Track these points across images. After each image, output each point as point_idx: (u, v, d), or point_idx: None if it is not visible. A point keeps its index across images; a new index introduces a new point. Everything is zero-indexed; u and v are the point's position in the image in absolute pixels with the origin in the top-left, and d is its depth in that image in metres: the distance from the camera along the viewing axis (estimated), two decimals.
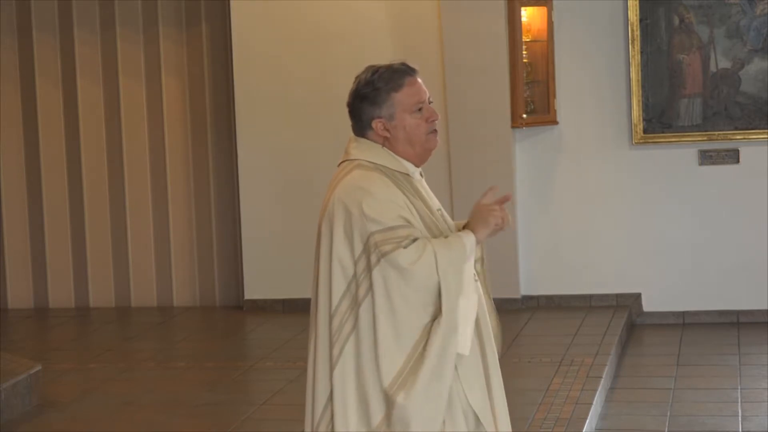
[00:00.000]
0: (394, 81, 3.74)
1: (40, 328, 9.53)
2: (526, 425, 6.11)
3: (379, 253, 3.59)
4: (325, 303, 3.72)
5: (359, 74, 3.81)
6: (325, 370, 3.70)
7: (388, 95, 3.73)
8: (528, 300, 9.04)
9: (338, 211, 3.68)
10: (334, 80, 9.03)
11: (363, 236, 3.63)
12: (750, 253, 8.75)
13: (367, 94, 3.74)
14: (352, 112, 3.80)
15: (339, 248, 3.67)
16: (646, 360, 7.99)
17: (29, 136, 10.07)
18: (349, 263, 3.65)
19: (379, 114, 3.74)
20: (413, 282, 3.60)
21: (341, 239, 3.66)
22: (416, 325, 3.61)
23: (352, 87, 3.80)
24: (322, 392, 3.71)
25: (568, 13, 8.89)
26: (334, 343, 3.66)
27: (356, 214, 3.64)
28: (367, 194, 3.65)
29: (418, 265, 3.59)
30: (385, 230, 3.61)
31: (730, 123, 8.71)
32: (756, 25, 8.65)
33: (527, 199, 9.00)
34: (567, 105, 8.94)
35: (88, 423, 6.60)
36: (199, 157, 9.83)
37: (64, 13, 9.94)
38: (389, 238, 3.60)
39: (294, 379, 7.28)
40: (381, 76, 3.74)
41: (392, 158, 3.76)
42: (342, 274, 3.67)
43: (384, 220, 3.62)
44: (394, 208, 3.65)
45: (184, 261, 9.90)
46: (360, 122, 3.79)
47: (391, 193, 3.69)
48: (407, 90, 3.75)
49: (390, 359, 3.59)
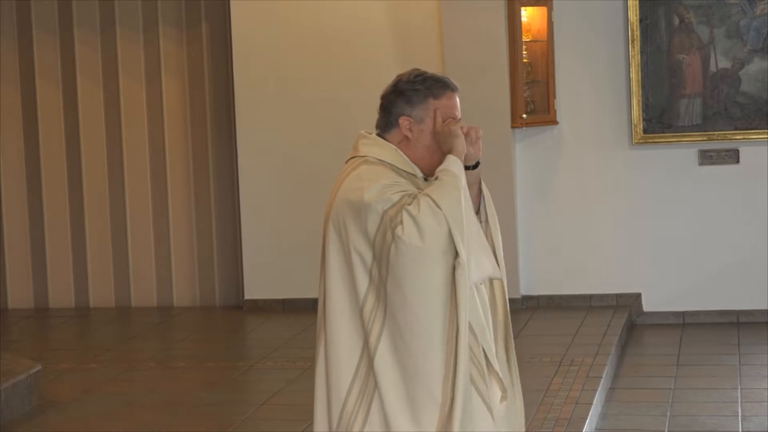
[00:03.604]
0: (435, 88, 3.79)
1: (40, 328, 9.53)
2: (526, 425, 6.10)
3: (393, 225, 3.61)
4: (341, 297, 3.71)
5: (402, 73, 3.84)
6: (350, 362, 3.69)
7: (426, 99, 3.77)
8: (528, 300, 9.05)
9: (346, 207, 3.70)
10: (334, 80, 9.03)
11: (374, 223, 3.64)
12: (750, 253, 8.75)
13: (405, 91, 3.77)
14: (385, 105, 3.81)
15: (356, 241, 3.67)
16: (646, 360, 7.98)
17: (29, 136, 10.07)
18: (367, 251, 3.66)
19: (410, 113, 3.77)
20: (426, 231, 3.60)
21: (356, 231, 3.67)
22: (443, 281, 3.63)
23: (392, 82, 3.82)
24: (345, 380, 3.70)
25: (568, 13, 8.89)
26: (369, 331, 3.66)
27: (362, 203, 3.65)
28: (372, 182, 3.68)
29: (421, 211, 3.61)
30: (393, 205, 3.64)
31: (730, 123, 8.71)
32: (756, 25, 8.65)
33: (527, 199, 9.00)
34: (567, 105, 8.94)
35: (88, 423, 6.60)
36: (199, 158, 9.83)
37: (64, 13, 9.94)
38: (399, 209, 3.63)
39: (294, 379, 7.28)
40: (425, 80, 3.80)
41: (400, 157, 3.78)
42: (362, 264, 3.67)
43: (389, 199, 3.65)
44: (396, 188, 3.68)
45: (184, 261, 9.89)
46: (388, 116, 3.80)
47: (395, 178, 3.72)
48: (445, 101, 3.81)
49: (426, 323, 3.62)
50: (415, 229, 3.60)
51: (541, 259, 9.02)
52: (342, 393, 3.71)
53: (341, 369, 3.72)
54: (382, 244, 3.64)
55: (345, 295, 3.72)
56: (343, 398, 3.71)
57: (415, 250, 3.61)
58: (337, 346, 3.73)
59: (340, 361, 3.72)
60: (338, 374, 3.72)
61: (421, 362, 3.63)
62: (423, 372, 3.62)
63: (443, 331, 3.64)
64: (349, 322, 3.71)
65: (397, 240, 3.60)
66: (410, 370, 3.64)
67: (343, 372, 3.71)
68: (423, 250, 3.61)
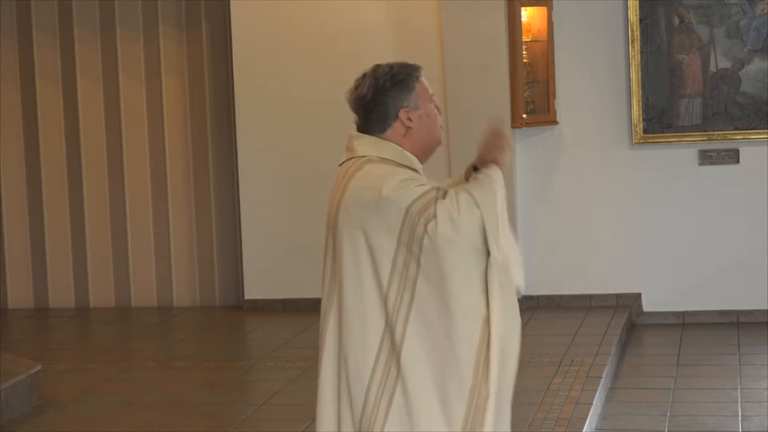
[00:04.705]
0: (413, 72, 3.80)
1: (40, 328, 9.54)
2: (526, 425, 6.11)
3: (426, 219, 3.60)
4: (359, 301, 3.68)
5: (368, 73, 3.80)
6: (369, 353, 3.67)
7: (414, 84, 3.78)
8: (528, 300, 9.04)
9: (360, 204, 3.67)
10: (334, 80, 9.01)
11: (399, 217, 3.62)
12: (750, 253, 8.75)
13: (394, 84, 3.76)
14: (374, 107, 3.77)
15: (375, 238, 3.65)
16: (646, 360, 7.98)
17: (29, 136, 10.07)
18: (390, 247, 3.64)
19: (407, 103, 3.77)
20: (461, 227, 3.61)
21: (375, 228, 3.64)
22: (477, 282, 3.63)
23: (369, 83, 3.76)
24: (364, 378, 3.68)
25: (568, 13, 8.89)
26: (395, 325, 3.64)
27: (382, 199, 3.63)
28: (387, 179, 3.67)
29: (461, 208, 3.61)
30: (418, 198, 3.63)
31: (730, 123, 8.71)
32: (756, 25, 8.65)
33: (527, 199, 9.00)
34: (567, 105, 8.94)
35: (88, 423, 6.60)
36: (199, 158, 9.83)
37: (64, 13, 9.94)
38: (427, 202, 3.61)
39: (294, 379, 7.27)
40: (400, 68, 3.79)
41: (400, 153, 3.77)
42: (387, 259, 3.65)
43: (412, 193, 3.64)
44: (415, 183, 3.68)
45: (184, 261, 9.90)
46: (384, 114, 3.77)
47: (410, 174, 3.72)
48: (424, 81, 3.82)
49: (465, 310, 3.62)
50: (450, 225, 3.59)
51: (541, 259, 9.01)
52: (364, 384, 3.69)
53: (360, 367, 3.68)
54: (410, 239, 3.62)
55: (363, 299, 3.70)
56: (364, 393, 3.70)
57: (449, 245, 3.60)
58: (355, 340, 3.70)
59: (358, 361, 3.68)
60: (357, 374, 3.69)
61: (451, 358, 3.62)
62: (454, 365, 3.62)
63: (474, 329, 3.63)
64: (367, 317, 3.69)
65: (432, 236, 3.59)
66: (440, 364, 3.63)
67: (363, 371, 3.68)
68: (457, 246, 3.61)
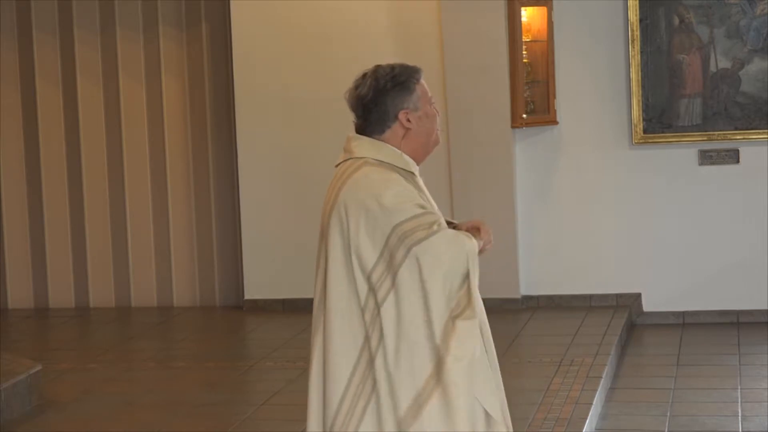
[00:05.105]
0: (413, 74, 3.80)
1: (40, 328, 9.53)
2: (526, 425, 6.10)
3: (411, 242, 3.60)
4: (342, 297, 3.70)
5: (368, 73, 3.79)
6: (347, 362, 3.69)
7: (415, 85, 3.79)
8: (528, 300, 9.05)
9: (353, 208, 3.67)
10: (334, 80, 9.00)
11: (385, 230, 3.62)
12: (750, 253, 8.75)
13: (395, 85, 3.76)
14: (374, 108, 3.76)
15: (359, 244, 3.65)
16: (646, 360, 7.98)
17: (29, 136, 10.07)
18: (371, 256, 3.64)
19: (407, 105, 3.77)
20: (446, 265, 3.62)
21: (360, 234, 3.65)
22: (444, 312, 3.63)
23: (369, 83, 3.76)
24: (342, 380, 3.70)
25: (568, 13, 8.89)
26: (370, 335, 3.65)
27: (375, 208, 3.63)
28: (384, 187, 3.66)
29: (453, 248, 3.63)
30: (411, 219, 3.63)
31: (730, 123, 8.71)
32: (756, 25, 8.65)
33: (527, 199, 9.00)
34: (567, 105, 8.94)
35: (88, 423, 6.60)
36: (199, 157, 9.83)
37: (64, 13, 9.94)
38: (419, 225, 3.62)
39: (294, 379, 7.28)
40: (401, 70, 3.79)
41: (398, 156, 3.77)
42: (360, 269, 3.66)
43: (406, 209, 3.64)
44: (412, 198, 3.68)
45: (184, 261, 9.90)
46: (384, 115, 3.76)
47: (405, 185, 3.71)
48: (424, 83, 3.83)
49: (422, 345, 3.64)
50: (443, 257, 3.62)
51: (541, 259, 9.02)
52: (338, 393, 3.70)
53: (339, 368, 3.71)
54: (390, 257, 3.62)
55: (346, 296, 3.71)
56: (340, 398, 3.70)
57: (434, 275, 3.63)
58: (336, 346, 3.72)
59: (337, 360, 3.71)
60: (335, 373, 3.71)
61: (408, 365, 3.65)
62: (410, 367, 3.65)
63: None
64: (349, 321, 3.70)
65: (421, 257, 3.61)
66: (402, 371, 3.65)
67: (340, 372, 3.70)
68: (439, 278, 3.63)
